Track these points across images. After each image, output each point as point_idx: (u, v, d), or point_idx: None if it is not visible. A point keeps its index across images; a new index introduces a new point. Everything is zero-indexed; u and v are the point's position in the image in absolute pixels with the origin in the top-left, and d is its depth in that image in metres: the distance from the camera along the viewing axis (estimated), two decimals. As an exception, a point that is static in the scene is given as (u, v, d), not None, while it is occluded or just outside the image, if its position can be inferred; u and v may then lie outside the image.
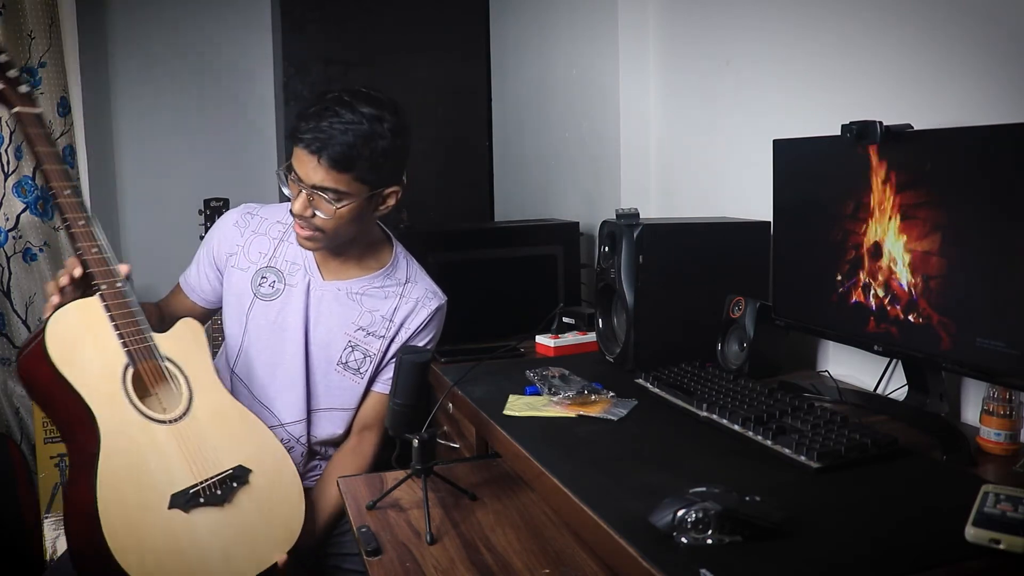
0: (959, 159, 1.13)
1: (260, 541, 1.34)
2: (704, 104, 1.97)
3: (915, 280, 1.19)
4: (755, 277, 1.59)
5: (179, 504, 1.26)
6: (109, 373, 1.30)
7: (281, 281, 1.57)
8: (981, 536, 0.82)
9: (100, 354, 1.30)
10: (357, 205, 1.45)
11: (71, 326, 1.30)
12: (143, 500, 1.25)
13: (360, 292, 1.58)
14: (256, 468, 1.37)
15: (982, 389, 1.18)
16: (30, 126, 1.38)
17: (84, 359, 1.28)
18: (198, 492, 1.29)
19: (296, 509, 1.40)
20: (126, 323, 1.33)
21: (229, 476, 1.33)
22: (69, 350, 1.27)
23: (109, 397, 1.28)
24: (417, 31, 3.11)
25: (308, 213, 1.43)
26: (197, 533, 1.27)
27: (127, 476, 1.25)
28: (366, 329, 1.58)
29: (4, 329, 2.37)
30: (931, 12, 1.33)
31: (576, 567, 1.05)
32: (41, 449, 2.34)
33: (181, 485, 1.28)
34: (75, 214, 1.36)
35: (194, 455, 1.32)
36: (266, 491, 1.37)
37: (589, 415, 1.30)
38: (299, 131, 1.40)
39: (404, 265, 1.64)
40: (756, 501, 0.87)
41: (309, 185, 1.41)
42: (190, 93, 3.08)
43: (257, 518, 1.34)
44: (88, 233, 1.36)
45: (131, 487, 1.24)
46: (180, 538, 1.25)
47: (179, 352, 1.40)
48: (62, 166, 1.39)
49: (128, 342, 1.32)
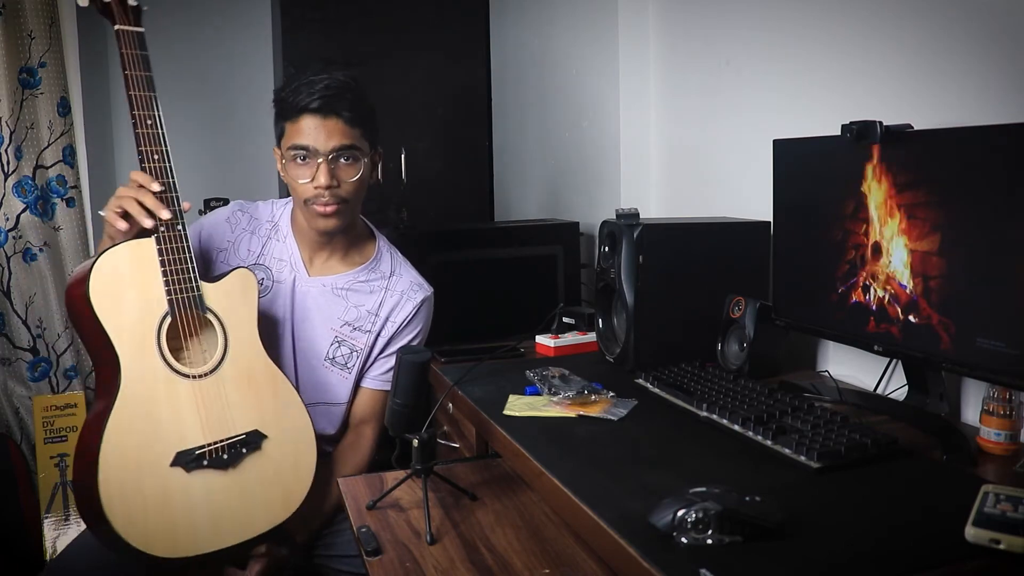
0: (959, 159, 1.12)
1: (253, 510, 1.33)
2: (704, 104, 1.97)
3: (915, 280, 1.19)
4: (755, 277, 1.59)
5: (182, 463, 1.27)
6: (146, 320, 1.28)
7: (269, 278, 1.57)
8: (981, 536, 0.82)
9: (141, 299, 1.29)
10: (368, 165, 1.51)
11: (119, 267, 1.28)
12: (146, 452, 1.25)
13: (345, 287, 1.58)
14: (273, 435, 1.36)
15: (982, 389, 1.18)
16: (127, 47, 1.33)
17: (123, 303, 1.27)
18: (204, 454, 1.29)
19: (301, 484, 1.39)
20: (176, 270, 1.30)
21: (241, 441, 1.33)
22: (111, 291, 1.26)
23: (139, 344, 1.27)
24: (417, 31, 3.11)
25: (335, 182, 1.46)
26: (191, 493, 1.27)
27: (137, 426, 1.25)
28: (352, 324, 1.58)
29: (4, 329, 2.37)
30: (931, 12, 1.33)
31: (576, 567, 1.05)
32: (41, 449, 2.34)
33: (190, 444, 1.28)
34: (151, 147, 1.33)
35: (211, 414, 1.31)
36: (276, 461, 1.37)
37: (589, 415, 1.30)
38: (303, 102, 1.44)
39: (388, 258, 1.64)
40: (756, 501, 0.87)
41: (328, 151, 1.44)
42: (190, 93, 3.08)
43: (257, 487, 1.34)
44: (163, 169, 1.33)
45: (138, 437, 1.25)
46: (172, 495, 1.26)
47: (226, 305, 1.37)
48: (150, 93, 1.34)
49: (173, 290, 1.30)
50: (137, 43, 1.34)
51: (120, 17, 1.33)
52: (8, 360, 2.38)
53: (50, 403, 2.36)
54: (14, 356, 2.38)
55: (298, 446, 1.40)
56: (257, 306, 1.42)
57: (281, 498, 1.37)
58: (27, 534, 2.30)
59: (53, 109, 2.37)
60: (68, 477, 2.35)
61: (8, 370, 2.38)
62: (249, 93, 3.17)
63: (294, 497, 1.38)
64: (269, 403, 1.39)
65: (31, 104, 2.34)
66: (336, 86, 1.45)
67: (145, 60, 1.34)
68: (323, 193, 1.45)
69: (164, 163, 1.33)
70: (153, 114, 1.33)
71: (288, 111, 1.47)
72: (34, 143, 2.36)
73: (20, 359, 2.39)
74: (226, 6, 3.13)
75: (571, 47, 2.46)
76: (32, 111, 2.34)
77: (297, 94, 1.45)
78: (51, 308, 2.40)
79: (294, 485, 1.38)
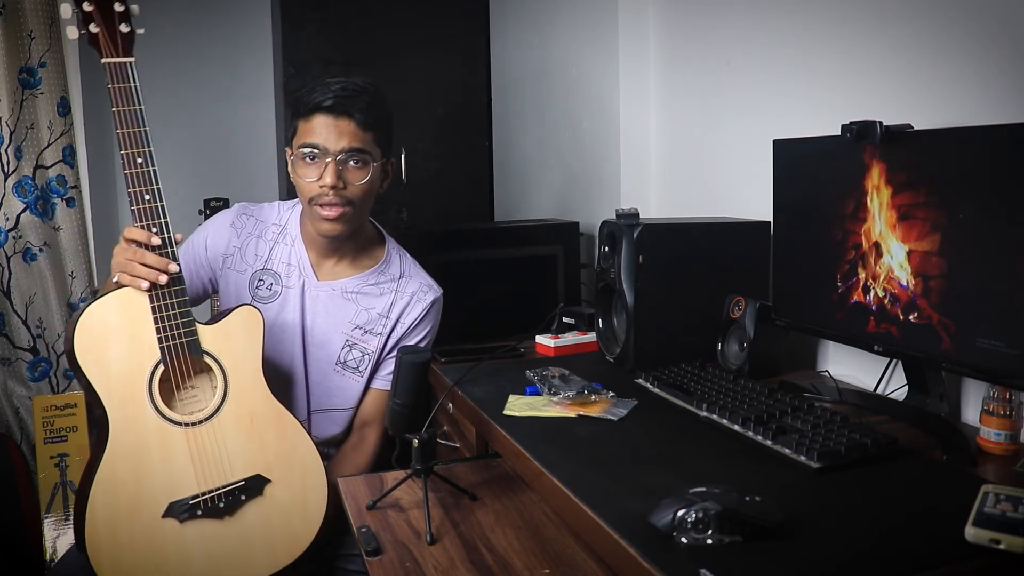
0: (959, 159, 1.12)
1: (253, 557, 1.31)
2: (704, 104, 1.97)
3: (915, 280, 1.19)
4: (755, 277, 1.59)
5: (175, 514, 1.25)
6: (136, 370, 1.26)
7: (278, 283, 1.56)
8: (981, 536, 0.82)
9: (132, 348, 1.26)
10: (378, 170, 1.50)
11: (107, 318, 1.25)
12: (136, 505, 1.23)
13: (355, 291, 1.58)
14: (278, 478, 1.33)
15: (982, 389, 1.18)
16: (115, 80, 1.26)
17: (110, 356, 1.25)
18: (198, 504, 1.27)
19: (309, 526, 1.35)
20: (169, 315, 1.27)
21: (240, 487, 1.30)
22: (96, 346, 1.24)
23: (129, 396, 1.25)
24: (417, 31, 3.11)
25: (341, 184, 1.45)
26: (185, 544, 1.25)
27: (126, 479, 1.24)
28: (363, 327, 1.58)
29: (4, 329, 2.37)
30: (931, 12, 1.33)
31: (576, 567, 1.05)
32: (41, 449, 2.34)
33: (184, 493, 1.26)
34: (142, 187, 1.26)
35: (206, 462, 1.29)
36: (282, 505, 1.34)
37: (589, 415, 1.30)
38: (316, 100, 1.44)
39: (397, 260, 1.64)
40: (756, 501, 0.87)
41: (337, 151, 1.44)
42: (190, 93, 3.08)
43: (259, 533, 1.31)
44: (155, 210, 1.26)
45: (127, 490, 1.23)
46: (165, 548, 1.24)
47: (224, 347, 1.33)
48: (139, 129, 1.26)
49: (164, 337, 1.27)
50: (126, 75, 1.26)
51: (107, 49, 1.26)
52: (8, 360, 2.38)
53: (50, 403, 2.36)
54: (14, 356, 2.38)
55: (307, 489, 1.36)
56: (263, 345, 1.38)
57: (286, 543, 1.33)
58: (27, 534, 2.30)
59: (53, 109, 2.37)
60: (68, 477, 2.35)
61: (8, 370, 2.38)
62: (249, 93, 3.17)
63: (300, 541, 1.34)
64: (273, 446, 1.35)
65: (31, 104, 2.34)
66: (352, 88, 1.46)
67: (135, 93, 1.27)
68: (327, 192, 1.45)
69: (156, 203, 1.27)
70: (143, 151, 1.27)
71: (301, 109, 1.47)
72: (34, 143, 2.36)
73: (20, 359, 2.39)
74: (226, 6, 3.13)
75: (571, 47, 2.46)
76: (32, 111, 2.34)
77: (312, 93, 1.46)
78: (51, 308, 2.40)
79: (301, 528, 1.35)
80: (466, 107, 3.20)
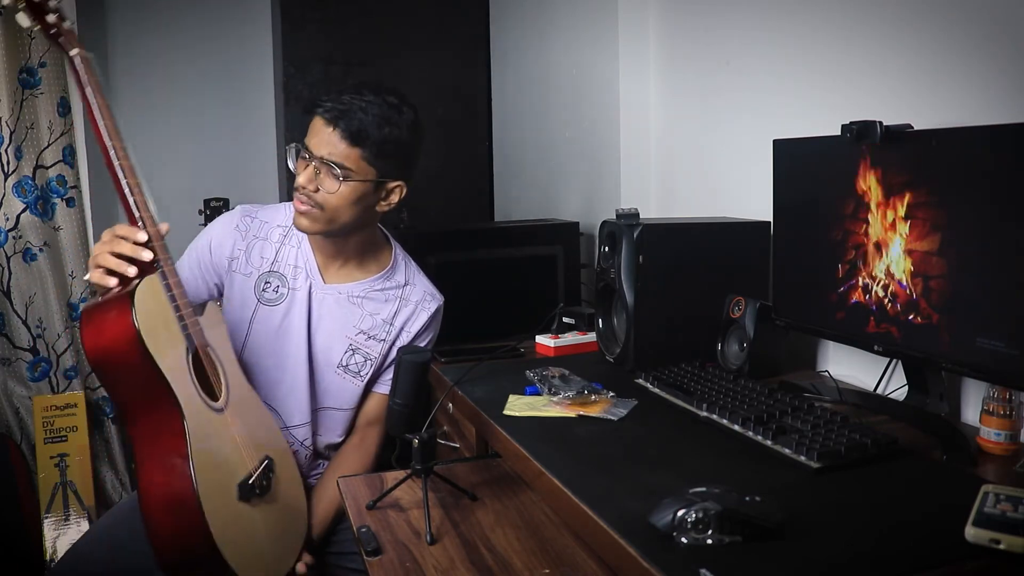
0: (959, 159, 1.12)
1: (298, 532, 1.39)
2: (704, 104, 1.97)
3: (915, 280, 1.19)
4: (755, 277, 1.59)
5: (244, 495, 1.27)
6: (181, 356, 1.25)
7: (285, 285, 1.56)
8: (981, 536, 0.82)
9: (171, 335, 1.24)
10: (361, 187, 1.45)
11: (154, 301, 1.22)
12: (228, 489, 1.25)
13: (361, 295, 1.58)
14: (274, 456, 1.39)
15: (982, 389, 1.18)
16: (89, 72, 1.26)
17: (163, 339, 1.21)
18: (254, 483, 1.29)
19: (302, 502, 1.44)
20: (184, 303, 1.27)
21: (267, 466, 1.34)
22: (153, 328, 1.19)
23: (183, 382, 1.23)
24: (417, 31, 3.11)
25: (312, 187, 1.43)
26: (256, 523, 1.29)
27: (213, 463, 1.23)
28: (367, 333, 1.58)
29: (4, 329, 2.37)
30: (931, 12, 1.33)
31: (576, 567, 1.05)
32: (41, 449, 2.34)
33: (241, 475, 1.28)
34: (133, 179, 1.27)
35: (244, 444, 1.31)
36: (284, 479, 1.39)
37: (589, 415, 1.30)
38: (320, 101, 1.44)
39: (403, 267, 1.64)
40: (756, 501, 0.87)
41: (318, 156, 1.42)
42: (190, 93, 3.08)
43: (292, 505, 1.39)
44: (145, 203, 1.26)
45: (218, 474, 1.23)
46: (256, 527, 1.28)
47: (214, 337, 1.35)
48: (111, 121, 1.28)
49: (187, 324, 1.27)
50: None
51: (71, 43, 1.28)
52: (8, 360, 2.38)
53: (50, 403, 2.36)
54: (14, 356, 2.38)
55: (287, 462, 1.44)
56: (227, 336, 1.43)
57: (301, 509, 1.43)
58: (27, 534, 2.30)
59: (53, 109, 2.37)
60: (68, 477, 2.35)
61: (8, 370, 2.38)
62: (249, 93, 3.17)
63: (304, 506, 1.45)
64: (267, 428, 1.42)
65: (31, 104, 2.34)
66: (357, 104, 1.42)
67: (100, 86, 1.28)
68: (300, 189, 1.45)
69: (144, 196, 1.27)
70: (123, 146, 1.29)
71: (311, 108, 1.47)
72: (34, 143, 2.35)
73: (20, 359, 2.39)
74: (226, 6, 3.13)
75: (571, 47, 2.46)
76: (32, 111, 2.34)
77: (323, 94, 1.46)
78: (51, 308, 2.40)
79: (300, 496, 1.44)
80: (466, 107, 3.20)
